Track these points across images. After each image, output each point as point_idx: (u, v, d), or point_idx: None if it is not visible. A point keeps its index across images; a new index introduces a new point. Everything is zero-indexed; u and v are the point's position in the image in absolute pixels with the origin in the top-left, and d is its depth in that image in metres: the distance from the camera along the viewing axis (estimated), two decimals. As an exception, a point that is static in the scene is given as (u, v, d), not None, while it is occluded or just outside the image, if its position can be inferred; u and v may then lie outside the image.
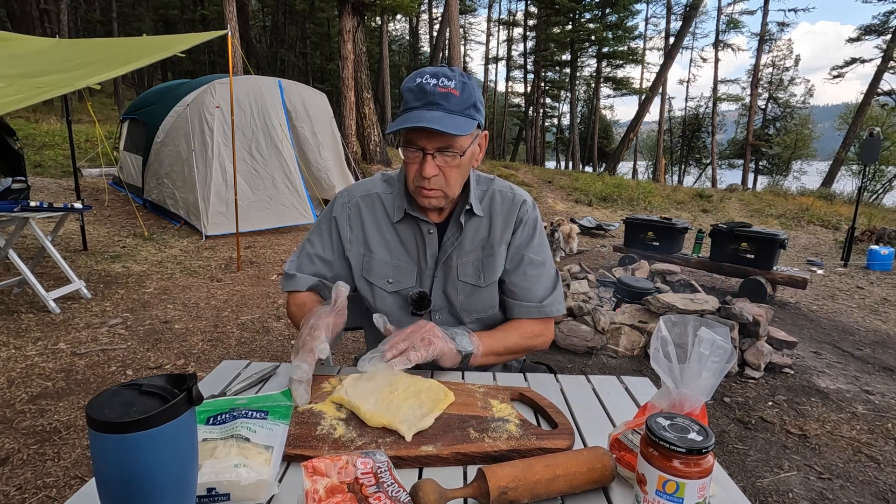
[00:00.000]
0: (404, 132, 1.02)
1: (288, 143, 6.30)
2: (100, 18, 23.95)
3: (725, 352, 0.64)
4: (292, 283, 1.18)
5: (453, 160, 1.02)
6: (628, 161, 27.58)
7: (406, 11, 11.81)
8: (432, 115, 0.96)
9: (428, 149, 1.00)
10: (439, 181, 1.04)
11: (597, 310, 3.48)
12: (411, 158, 1.04)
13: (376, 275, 1.17)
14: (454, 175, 1.04)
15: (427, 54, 28.99)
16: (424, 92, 0.98)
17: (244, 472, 0.63)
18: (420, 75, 1.01)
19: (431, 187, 1.04)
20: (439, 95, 0.97)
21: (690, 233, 5.64)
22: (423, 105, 0.98)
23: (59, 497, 1.77)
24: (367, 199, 1.18)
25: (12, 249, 3.39)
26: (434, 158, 1.01)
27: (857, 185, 16.65)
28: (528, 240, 1.17)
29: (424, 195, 1.05)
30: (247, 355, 3.06)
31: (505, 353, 1.13)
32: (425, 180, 1.02)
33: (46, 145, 9.52)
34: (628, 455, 0.71)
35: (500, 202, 1.16)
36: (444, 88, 0.98)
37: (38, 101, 3.30)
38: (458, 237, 1.14)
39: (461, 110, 0.99)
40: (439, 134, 0.97)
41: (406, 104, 1.01)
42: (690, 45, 27.00)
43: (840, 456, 2.26)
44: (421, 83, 0.99)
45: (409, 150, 1.02)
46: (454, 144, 1.01)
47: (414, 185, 1.06)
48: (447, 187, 1.05)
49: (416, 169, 1.03)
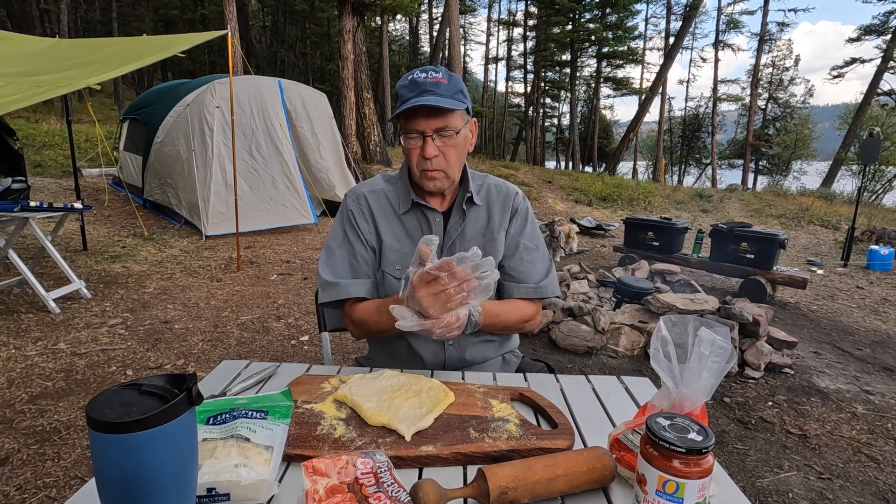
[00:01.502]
0: (403, 124, 1.13)
1: (288, 143, 6.30)
2: (100, 18, 23.94)
3: (725, 352, 0.64)
4: (340, 291, 1.17)
5: (450, 140, 1.12)
6: (628, 161, 27.56)
7: (406, 11, 11.81)
8: (427, 98, 1.08)
9: (427, 131, 1.11)
10: (440, 161, 1.13)
11: (597, 310, 3.48)
12: (412, 144, 1.13)
13: (386, 262, 1.22)
14: (453, 155, 1.14)
15: (427, 54, 28.97)
16: (417, 84, 1.10)
17: (244, 472, 0.63)
18: (411, 73, 1.14)
19: (434, 167, 1.13)
20: (430, 84, 1.10)
21: (690, 233, 5.64)
22: (418, 94, 1.09)
23: (59, 497, 1.77)
24: (374, 193, 1.26)
25: (12, 249, 3.39)
26: (433, 140, 1.11)
27: (856, 185, 16.67)
28: (521, 228, 1.27)
29: (429, 176, 1.15)
30: (247, 355, 3.06)
31: (498, 322, 1.18)
32: (427, 161, 1.12)
33: (46, 145, 9.52)
34: (628, 455, 0.71)
35: (495, 193, 1.27)
36: (433, 79, 1.10)
37: (38, 100, 3.30)
38: (461, 224, 1.23)
39: (451, 95, 1.11)
40: (436, 115, 1.09)
41: (401, 98, 1.12)
42: (690, 45, 27.02)
43: (840, 456, 2.26)
44: (413, 78, 1.12)
45: (410, 136, 1.13)
46: (450, 124, 1.11)
47: (418, 171, 1.15)
48: (448, 167, 1.15)
49: (418, 153, 1.13)
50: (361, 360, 1.42)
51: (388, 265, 1.22)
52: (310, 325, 3.58)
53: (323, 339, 1.50)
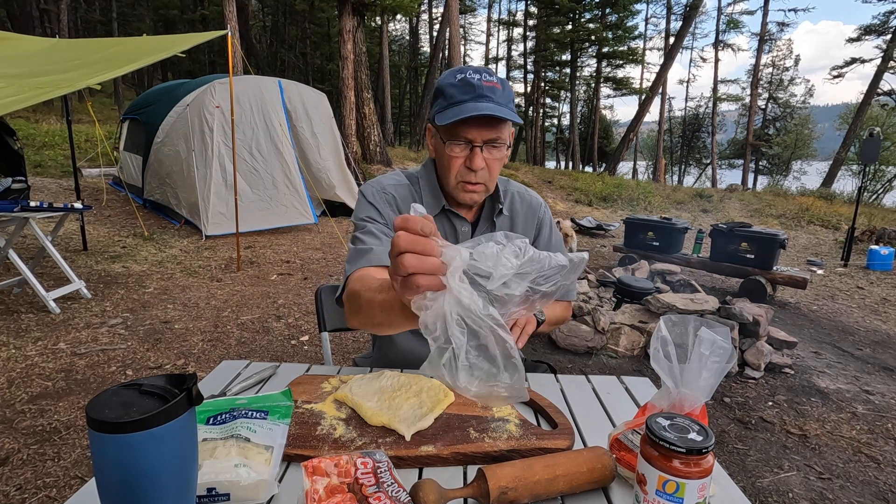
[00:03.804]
0: (449, 128, 1.00)
1: (288, 143, 6.30)
2: (100, 18, 23.95)
3: (725, 352, 0.64)
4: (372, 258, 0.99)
5: (499, 152, 1.03)
6: (628, 161, 27.56)
7: (406, 11, 11.80)
8: (487, 105, 0.96)
9: (477, 141, 1.00)
10: (484, 174, 1.04)
11: (597, 310, 3.48)
12: (457, 153, 1.02)
13: None
14: (497, 167, 1.05)
15: (427, 54, 28.95)
16: (472, 85, 0.97)
17: (244, 472, 0.63)
18: (461, 72, 1.00)
19: (477, 181, 1.04)
20: (486, 88, 0.97)
21: (690, 233, 5.64)
22: (473, 97, 0.97)
23: (59, 497, 1.77)
24: (399, 188, 1.14)
25: (12, 249, 3.39)
26: (482, 151, 1.00)
27: (857, 185, 16.65)
28: (549, 240, 1.26)
29: (469, 189, 1.05)
30: (247, 355, 3.06)
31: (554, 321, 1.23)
32: (472, 174, 1.02)
33: (46, 145, 9.51)
34: (628, 455, 0.71)
35: (519, 203, 1.22)
36: (489, 83, 0.98)
37: (39, 101, 3.30)
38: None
39: (506, 103, 0.99)
40: (490, 124, 0.98)
41: (450, 98, 0.99)
42: (690, 45, 27.05)
43: (840, 456, 2.26)
44: (465, 77, 0.98)
45: (456, 143, 1.01)
46: (502, 136, 1.01)
47: (456, 181, 1.05)
48: (489, 181, 1.06)
49: (462, 163, 1.03)
50: (359, 360, 1.42)
51: None
52: (310, 325, 3.58)
53: (323, 339, 1.50)
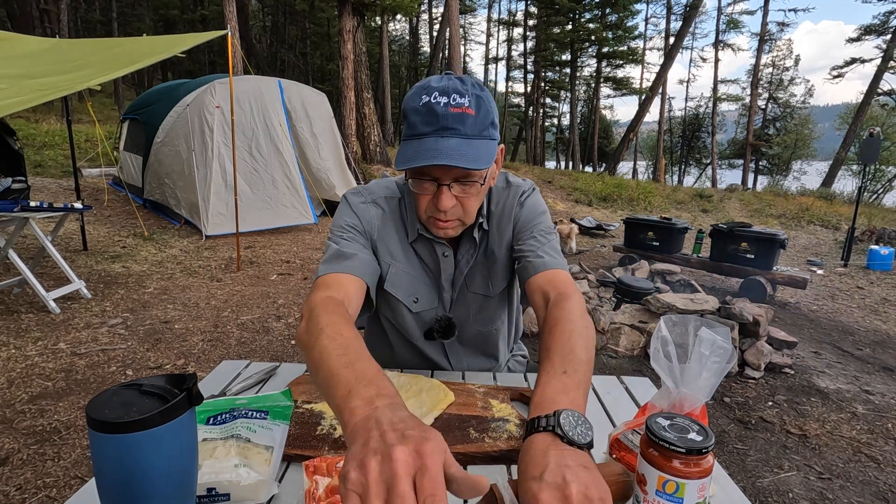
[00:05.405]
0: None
1: (288, 143, 6.31)
2: (100, 18, 23.95)
3: (726, 352, 0.64)
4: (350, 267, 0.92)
5: (472, 188, 0.88)
6: (628, 161, 27.57)
7: (406, 11, 11.79)
8: (448, 145, 0.81)
9: (444, 180, 0.86)
10: (456, 211, 0.91)
11: (597, 310, 3.48)
12: (422, 190, 0.89)
13: (403, 290, 1.05)
14: (473, 203, 0.92)
15: (427, 54, 28.96)
16: (435, 114, 0.82)
17: (244, 472, 0.63)
18: (427, 92, 0.83)
19: (448, 218, 0.91)
20: (453, 118, 0.82)
21: (690, 233, 5.64)
22: (435, 131, 0.82)
23: (59, 497, 1.77)
24: (391, 202, 1.04)
25: (12, 249, 3.39)
26: (451, 189, 0.87)
27: (857, 185, 16.63)
28: (529, 230, 1.03)
29: (439, 227, 0.93)
30: (247, 355, 3.06)
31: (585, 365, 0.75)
32: (441, 212, 0.89)
33: (46, 145, 9.52)
34: (628, 455, 0.71)
35: (495, 203, 1.05)
36: (457, 108, 0.82)
37: (39, 102, 3.30)
38: (472, 255, 1.05)
39: (479, 132, 0.84)
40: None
41: (412, 129, 0.84)
42: (690, 45, 27.03)
43: (840, 456, 2.26)
44: (429, 103, 0.82)
45: (422, 181, 0.87)
46: (474, 173, 0.86)
47: (427, 216, 0.93)
48: (465, 216, 0.93)
49: (429, 200, 0.90)
50: None
51: (405, 295, 1.05)
52: (310, 325, 3.58)
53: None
